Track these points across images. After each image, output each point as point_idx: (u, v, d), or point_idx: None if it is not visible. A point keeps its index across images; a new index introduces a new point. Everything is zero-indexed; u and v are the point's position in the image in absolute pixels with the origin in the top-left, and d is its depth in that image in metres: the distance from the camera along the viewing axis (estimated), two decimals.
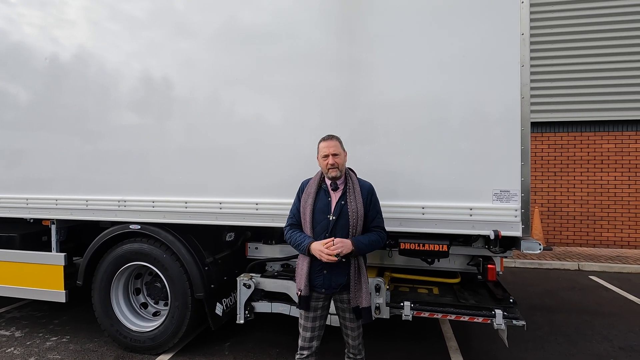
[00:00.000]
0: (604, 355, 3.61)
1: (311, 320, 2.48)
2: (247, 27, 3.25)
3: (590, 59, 7.94)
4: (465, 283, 3.43)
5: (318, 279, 2.43)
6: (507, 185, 2.77)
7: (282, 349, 3.67)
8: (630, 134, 8.10)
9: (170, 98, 3.44)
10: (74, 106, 3.68)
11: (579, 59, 7.97)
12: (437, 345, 3.79)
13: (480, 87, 2.81)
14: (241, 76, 3.27)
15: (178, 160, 3.42)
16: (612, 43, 7.84)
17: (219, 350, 3.68)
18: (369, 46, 3.01)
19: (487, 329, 3.96)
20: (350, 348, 2.57)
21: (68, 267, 3.85)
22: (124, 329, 3.65)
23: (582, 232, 8.33)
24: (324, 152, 2.45)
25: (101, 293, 3.69)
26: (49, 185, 3.77)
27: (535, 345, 3.79)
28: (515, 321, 2.84)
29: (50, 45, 3.74)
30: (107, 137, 3.60)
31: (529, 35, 2.77)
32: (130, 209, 3.54)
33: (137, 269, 3.79)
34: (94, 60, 3.62)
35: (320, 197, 2.46)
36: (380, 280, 3.09)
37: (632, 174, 8.09)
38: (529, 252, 2.74)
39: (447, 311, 2.98)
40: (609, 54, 7.86)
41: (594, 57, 7.92)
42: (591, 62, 7.93)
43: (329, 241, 2.32)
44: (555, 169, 8.41)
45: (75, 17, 3.67)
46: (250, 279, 3.36)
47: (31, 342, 3.90)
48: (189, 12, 3.38)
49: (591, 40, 7.92)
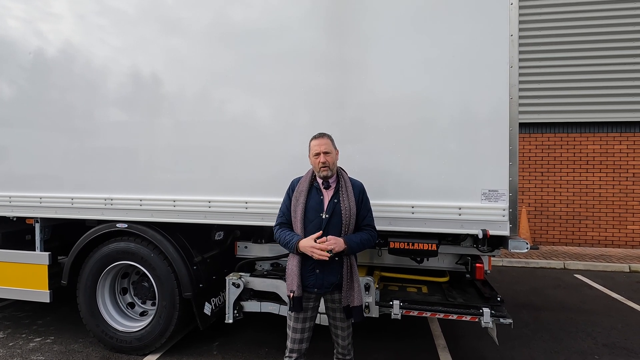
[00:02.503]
0: (588, 352, 3.68)
1: (301, 322, 2.45)
2: (237, 24, 3.22)
3: (577, 62, 8.08)
4: (454, 282, 3.45)
5: (310, 279, 2.40)
6: (495, 185, 2.80)
7: (271, 348, 3.65)
8: (614, 135, 8.27)
9: (159, 95, 3.39)
10: (60, 102, 3.60)
11: (566, 61, 8.12)
12: (426, 343, 3.81)
13: (470, 88, 2.83)
14: (231, 74, 3.24)
15: (166, 158, 3.38)
16: (600, 46, 8.00)
17: (208, 350, 3.64)
18: (359, 45, 3.00)
19: (475, 327, 4.00)
20: (340, 348, 2.56)
21: (52, 266, 3.77)
22: (110, 329, 3.59)
23: (568, 231, 8.49)
24: (315, 151, 2.43)
25: (87, 293, 3.63)
26: (33, 183, 3.69)
27: (522, 343, 3.84)
28: (502, 319, 2.87)
29: (35, 40, 3.65)
30: (94, 134, 3.53)
31: (518, 36, 2.80)
32: (117, 208, 3.48)
33: (124, 268, 3.74)
34: (81, 55, 3.54)
35: (312, 196, 2.45)
36: (369, 279, 3.09)
37: (616, 174, 8.27)
38: (516, 251, 2.77)
39: (435, 310, 2.99)
40: (596, 56, 8.02)
41: (581, 60, 8.07)
42: (578, 64, 8.08)
43: (319, 237, 2.30)
44: (542, 169, 8.55)
45: (61, 10, 3.59)
46: (240, 278, 3.33)
47: (14, 343, 3.82)
48: (178, 8, 3.34)
49: (579, 42, 8.06)
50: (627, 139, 8.22)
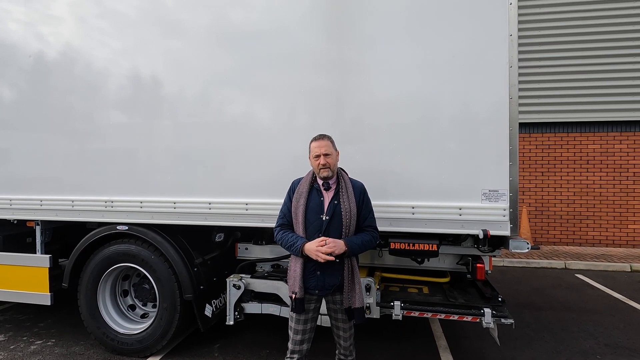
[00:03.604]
0: (590, 351, 3.67)
1: (302, 323, 2.45)
2: (237, 26, 3.22)
3: (577, 61, 8.08)
4: (455, 282, 3.45)
5: (311, 280, 2.40)
6: (495, 185, 2.80)
7: (272, 349, 3.65)
8: (615, 134, 8.27)
9: (159, 97, 3.39)
10: (60, 104, 3.60)
11: (565, 60, 8.12)
12: (427, 344, 3.81)
13: (469, 88, 2.83)
14: (231, 75, 3.24)
15: (167, 159, 3.38)
16: (599, 45, 8.00)
17: (209, 352, 3.64)
18: (359, 46, 3.01)
19: (476, 328, 4.00)
20: (342, 349, 2.56)
21: (53, 269, 3.77)
22: (111, 332, 3.59)
23: (569, 231, 8.48)
24: (315, 152, 2.43)
25: (87, 295, 3.63)
26: (33, 186, 3.69)
27: (523, 343, 3.84)
28: (503, 319, 2.87)
29: (35, 42, 3.66)
30: (94, 137, 3.54)
31: (517, 36, 2.80)
32: (117, 210, 3.49)
33: (125, 270, 3.73)
34: (81, 57, 3.55)
35: (312, 197, 2.44)
36: (370, 280, 3.09)
37: (616, 174, 8.26)
38: (517, 251, 2.77)
39: (436, 310, 2.99)
40: (596, 56, 8.02)
41: (581, 59, 8.07)
42: (578, 64, 8.08)
43: (322, 241, 2.30)
44: (542, 169, 8.54)
45: (62, 13, 3.59)
46: (240, 279, 3.33)
47: (15, 345, 3.82)
48: (178, 10, 3.34)
49: (578, 42, 8.06)
50: (628, 138, 8.22)
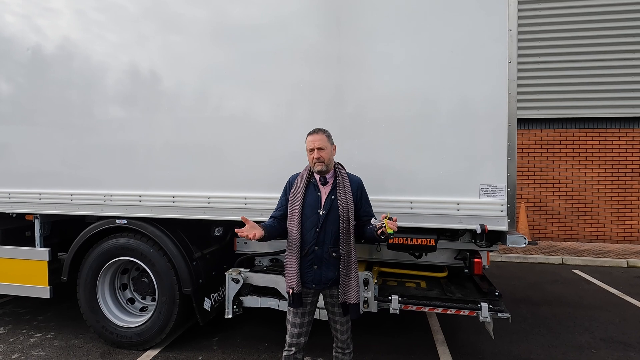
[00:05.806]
0: (585, 346, 3.71)
1: (300, 317, 2.47)
2: (236, 21, 3.21)
3: (576, 57, 8.07)
4: (452, 277, 3.47)
5: (308, 274, 2.42)
6: (493, 180, 2.81)
7: (270, 343, 3.67)
8: (613, 130, 8.27)
9: (158, 91, 3.39)
10: (58, 98, 3.59)
11: (564, 56, 8.10)
12: (424, 338, 3.84)
13: (468, 83, 2.83)
14: (230, 70, 3.24)
15: (166, 154, 3.38)
16: (599, 41, 7.98)
17: (207, 345, 3.66)
18: (358, 41, 3.00)
19: (473, 322, 4.04)
20: (339, 342, 2.58)
21: (52, 262, 3.78)
22: (110, 325, 3.61)
23: (566, 227, 8.51)
24: (309, 146, 2.44)
25: (87, 289, 3.64)
26: (32, 179, 3.69)
27: (520, 337, 3.87)
28: (500, 314, 2.89)
29: (33, 36, 3.64)
30: (93, 131, 3.53)
31: (517, 32, 2.80)
32: (116, 204, 3.49)
33: (124, 264, 3.75)
34: (79, 51, 3.53)
35: (309, 192, 2.45)
36: (368, 274, 3.11)
37: (614, 170, 8.28)
38: (514, 246, 2.79)
39: (434, 304, 3.01)
40: (595, 52, 8.01)
41: (580, 55, 8.05)
42: (577, 59, 8.07)
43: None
44: (541, 165, 8.56)
45: (60, 6, 3.57)
46: (239, 273, 3.34)
47: (14, 338, 3.83)
48: (177, 4, 3.32)
49: (578, 38, 8.04)
50: (626, 134, 8.23)
